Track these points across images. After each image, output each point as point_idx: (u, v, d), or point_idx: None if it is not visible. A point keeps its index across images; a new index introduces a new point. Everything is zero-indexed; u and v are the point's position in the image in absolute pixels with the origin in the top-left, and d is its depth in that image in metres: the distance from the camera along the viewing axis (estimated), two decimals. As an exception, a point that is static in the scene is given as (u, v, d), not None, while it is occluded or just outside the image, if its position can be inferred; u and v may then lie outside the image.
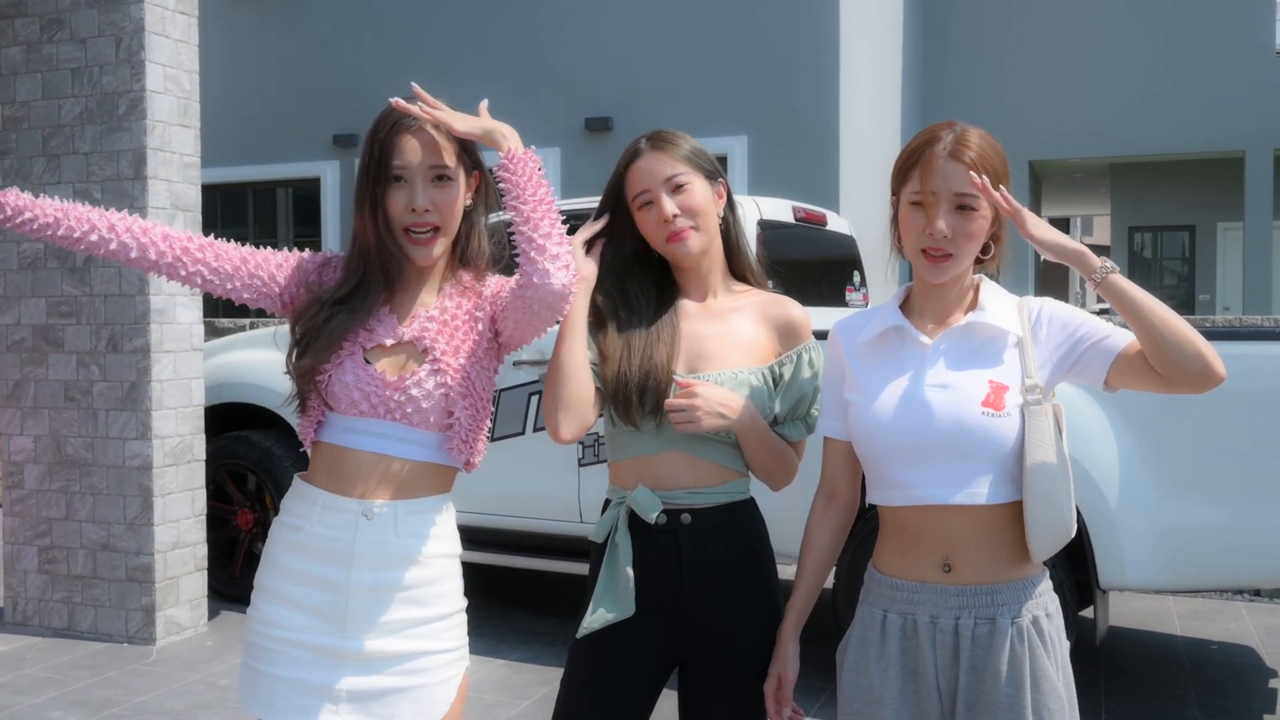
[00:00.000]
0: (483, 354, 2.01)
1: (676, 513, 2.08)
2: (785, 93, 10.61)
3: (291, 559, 1.99)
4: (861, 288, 5.99)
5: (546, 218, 1.88)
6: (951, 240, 1.88)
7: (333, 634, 1.95)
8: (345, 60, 11.82)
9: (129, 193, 5.09)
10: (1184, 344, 1.75)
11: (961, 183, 1.86)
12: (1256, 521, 3.81)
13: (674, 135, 2.17)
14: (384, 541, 1.96)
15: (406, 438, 1.97)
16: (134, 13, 5.06)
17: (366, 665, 1.95)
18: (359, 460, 1.97)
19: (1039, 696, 1.85)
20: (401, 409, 1.95)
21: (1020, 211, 1.85)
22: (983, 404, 1.86)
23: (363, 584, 1.95)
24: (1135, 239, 17.96)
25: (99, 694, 4.45)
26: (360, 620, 1.95)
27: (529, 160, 1.91)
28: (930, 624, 1.90)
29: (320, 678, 1.95)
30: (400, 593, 1.96)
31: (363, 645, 1.95)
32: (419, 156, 1.94)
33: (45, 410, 5.25)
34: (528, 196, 1.88)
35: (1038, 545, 1.87)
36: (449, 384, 1.95)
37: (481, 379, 2.00)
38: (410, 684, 1.96)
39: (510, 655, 4.93)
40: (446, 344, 1.97)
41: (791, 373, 2.15)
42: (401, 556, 1.96)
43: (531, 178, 1.90)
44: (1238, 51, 13.82)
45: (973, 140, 1.89)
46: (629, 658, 2.10)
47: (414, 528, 1.98)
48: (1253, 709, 4.47)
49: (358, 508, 1.96)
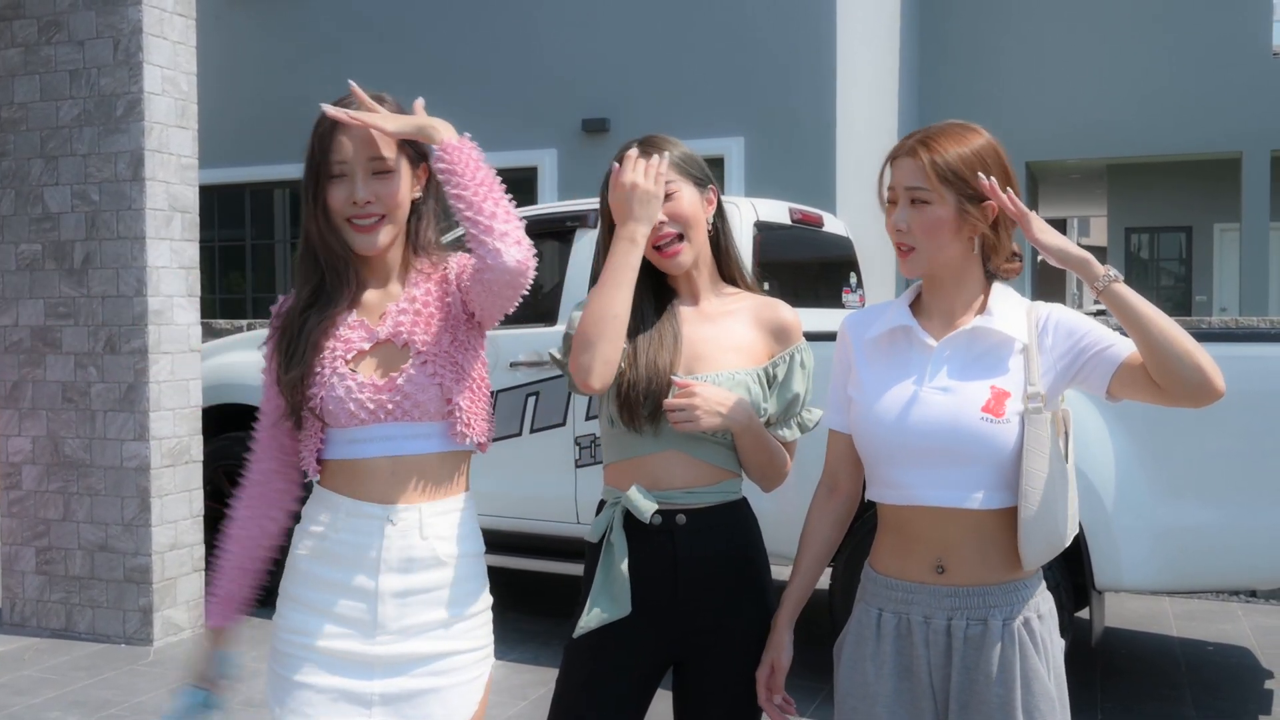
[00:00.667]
0: (463, 335, 2.00)
1: (672, 513, 2.09)
2: (783, 94, 10.62)
3: (316, 566, 1.98)
4: (858, 289, 5.99)
5: (489, 198, 1.87)
6: (909, 233, 1.90)
7: (362, 639, 1.95)
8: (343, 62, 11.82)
9: (126, 194, 5.10)
10: (1183, 356, 1.75)
11: (912, 177, 1.89)
12: (1252, 523, 3.82)
13: (663, 141, 2.16)
14: (410, 545, 1.95)
15: (413, 434, 1.97)
16: (132, 15, 5.07)
17: (397, 668, 1.95)
18: (373, 467, 1.96)
19: (1030, 697, 1.86)
20: (400, 407, 1.94)
21: (1026, 215, 1.85)
22: (983, 409, 1.86)
23: (390, 589, 1.95)
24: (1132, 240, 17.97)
25: (97, 694, 4.45)
26: (389, 624, 1.95)
27: (464, 147, 1.90)
28: (924, 624, 1.91)
29: (351, 683, 1.94)
30: (427, 595, 1.96)
31: (392, 649, 1.95)
32: (357, 151, 1.95)
33: (43, 411, 5.26)
34: (467, 181, 1.87)
35: (1029, 553, 1.87)
36: (439, 371, 1.95)
37: (469, 359, 2.00)
38: (440, 684, 1.96)
39: (507, 656, 4.93)
40: (425, 333, 1.96)
41: (784, 374, 2.17)
42: (427, 559, 1.96)
43: (468, 164, 1.89)
44: (1235, 53, 13.83)
45: (935, 138, 1.90)
46: (625, 657, 2.11)
47: (438, 529, 1.98)
48: (1249, 709, 4.48)
49: (382, 513, 1.95)
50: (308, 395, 1.95)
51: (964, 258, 1.94)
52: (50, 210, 5.25)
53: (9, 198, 5.34)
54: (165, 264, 5.18)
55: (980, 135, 1.94)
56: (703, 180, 2.19)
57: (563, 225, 5.11)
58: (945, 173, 1.87)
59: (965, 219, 1.90)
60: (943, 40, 14.52)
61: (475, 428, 1.99)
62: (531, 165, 11.44)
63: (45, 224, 5.26)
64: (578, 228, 5.04)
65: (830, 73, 10.54)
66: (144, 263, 5.08)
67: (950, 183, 1.88)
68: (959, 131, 1.92)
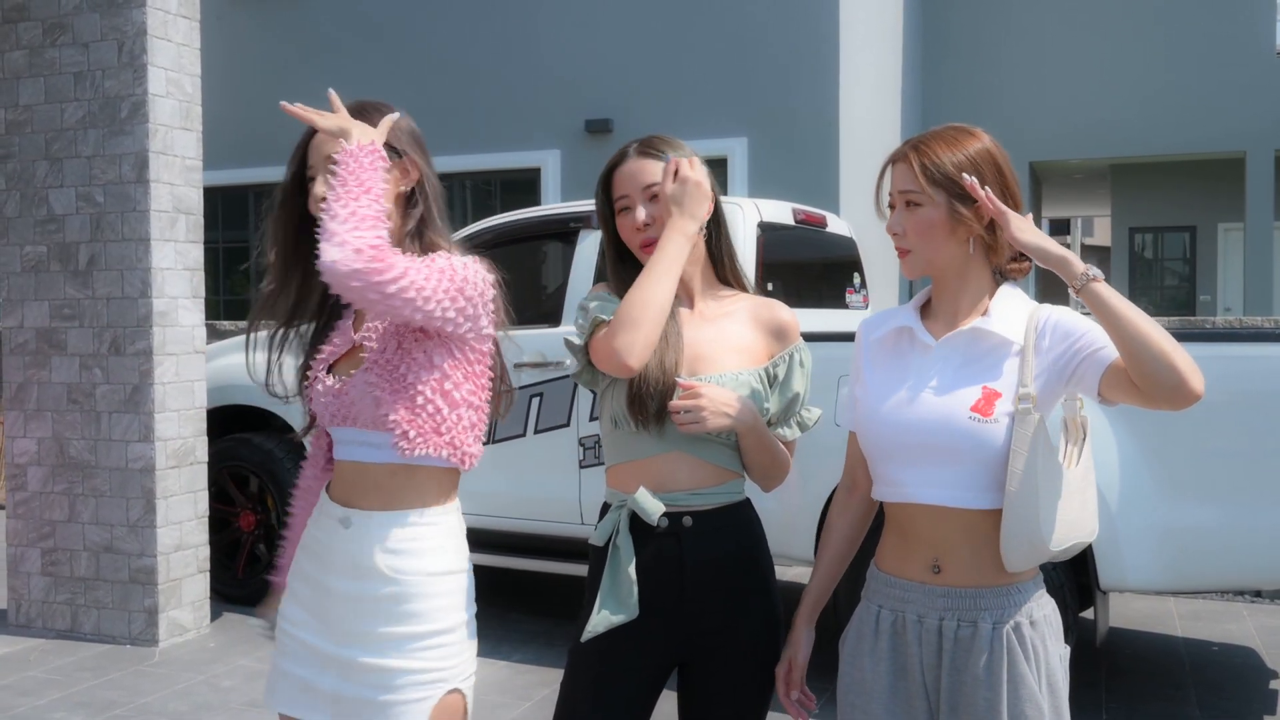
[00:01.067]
0: (412, 345, 1.94)
1: (678, 515, 2.09)
2: (785, 94, 10.62)
3: (301, 558, 2.07)
4: (862, 289, 5.99)
5: (341, 199, 1.81)
6: (904, 236, 1.94)
7: (319, 634, 1.99)
8: (345, 63, 11.84)
9: (131, 196, 5.11)
10: (1159, 356, 1.73)
11: (904, 181, 1.92)
12: (1257, 523, 3.81)
13: (662, 143, 2.17)
14: (358, 552, 1.95)
15: (362, 440, 1.98)
16: (136, 17, 5.08)
17: (344, 673, 1.96)
18: (342, 469, 2.03)
19: (1016, 703, 1.85)
20: (346, 413, 1.97)
21: (1005, 214, 1.87)
22: (971, 409, 1.87)
23: (339, 590, 1.97)
24: (1136, 240, 17.95)
25: (103, 696, 4.46)
26: (337, 626, 1.97)
27: (359, 153, 1.86)
28: (917, 623, 1.92)
29: (313, 676, 1.99)
30: (375, 605, 1.94)
31: (341, 652, 1.96)
32: (321, 151, 1.99)
33: (48, 413, 5.27)
34: (337, 184, 1.83)
35: (1009, 554, 1.85)
36: (376, 382, 1.92)
37: (415, 370, 1.92)
38: (385, 699, 1.93)
39: (511, 656, 4.94)
40: (377, 342, 1.95)
41: (784, 373, 2.18)
42: (374, 569, 1.94)
43: (354, 170, 1.85)
44: (1239, 52, 13.82)
45: (928, 142, 1.93)
46: (631, 660, 2.10)
47: (392, 541, 1.95)
48: (1254, 710, 4.47)
49: (338, 514, 2.00)
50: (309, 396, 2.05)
51: (964, 259, 1.95)
52: (55, 212, 5.26)
53: (14, 200, 5.35)
54: (170, 266, 5.19)
55: (976, 138, 1.95)
56: None
57: (566, 226, 5.12)
58: (935, 175, 1.90)
59: (958, 220, 1.91)
60: (945, 40, 14.52)
61: (420, 442, 1.91)
62: (534, 166, 11.46)
63: (50, 226, 5.27)
64: (581, 229, 5.04)
65: (833, 73, 10.54)
66: (149, 264, 5.09)
67: (940, 185, 1.90)
68: (953, 134, 1.95)
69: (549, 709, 2.19)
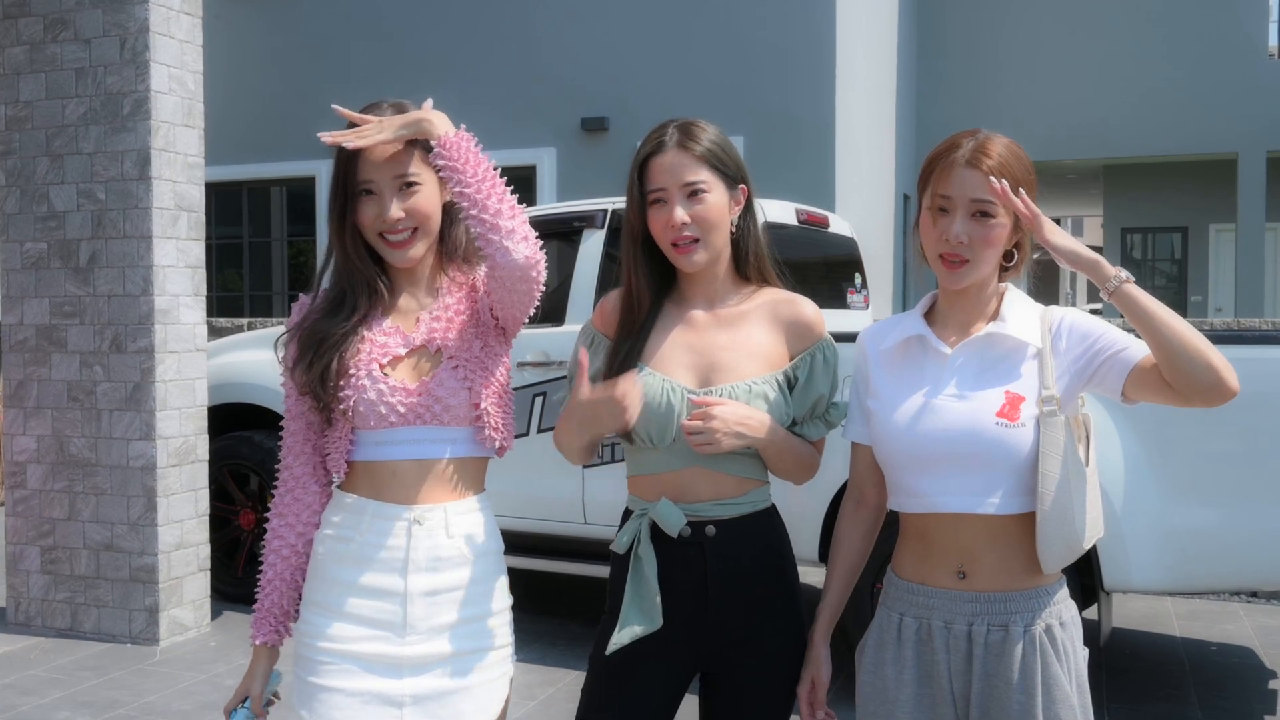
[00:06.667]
0: (492, 341, 2.04)
1: (701, 525, 2.05)
2: (781, 94, 10.63)
3: (343, 571, 1.99)
4: (863, 289, 6.01)
5: (492, 195, 1.89)
6: (968, 246, 1.89)
7: (392, 641, 1.96)
8: (343, 59, 11.81)
9: (133, 193, 5.10)
10: (1195, 356, 1.74)
11: (978, 189, 1.87)
12: (1259, 524, 3.84)
13: (701, 132, 2.07)
14: (437, 545, 1.99)
15: (441, 438, 2.00)
16: (139, 13, 5.06)
17: (425, 667, 1.97)
18: (399, 469, 1.99)
19: (1051, 705, 1.86)
20: (430, 411, 1.97)
21: (1038, 217, 1.86)
22: (997, 415, 1.87)
23: (420, 588, 1.97)
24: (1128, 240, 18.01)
25: (106, 695, 4.45)
26: (419, 624, 1.97)
27: (462, 141, 1.90)
28: (944, 629, 1.91)
29: (382, 686, 1.95)
30: (453, 593, 1.99)
31: (421, 648, 1.97)
32: (384, 168, 1.95)
33: (49, 410, 5.25)
34: (469, 178, 1.88)
35: (1048, 557, 1.87)
36: (470, 377, 1.99)
37: (497, 365, 2.04)
38: (468, 682, 1.99)
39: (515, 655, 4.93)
40: (457, 339, 2.00)
41: (806, 374, 2.10)
42: (454, 557, 2.00)
43: (468, 159, 1.89)
44: (1231, 53, 13.87)
45: (993, 148, 1.89)
46: (655, 670, 2.07)
47: (463, 528, 2.01)
48: (1255, 710, 4.50)
49: (408, 514, 1.98)
50: (340, 397, 1.96)
51: (995, 267, 1.96)
52: (56, 209, 5.24)
53: (15, 196, 5.32)
54: (171, 263, 5.17)
55: (1011, 142, 1.95)
56: (735, 178, 2.10)
57: (569, 226, 5.11)
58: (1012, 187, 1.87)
59: (1014, 231, 1.93)
60: (940, 40, 14.55)
61: (501, 433, 2.03)
62: (530, 164, 11.44)
63: (51, 222, 5.25)
64: (584, 228, 5.04)
65: (829, 73, 10.56)
66: (150, 262, 5.08)
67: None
68: (1006, 142, 1.93)
69: (553, 708, 2.20)
